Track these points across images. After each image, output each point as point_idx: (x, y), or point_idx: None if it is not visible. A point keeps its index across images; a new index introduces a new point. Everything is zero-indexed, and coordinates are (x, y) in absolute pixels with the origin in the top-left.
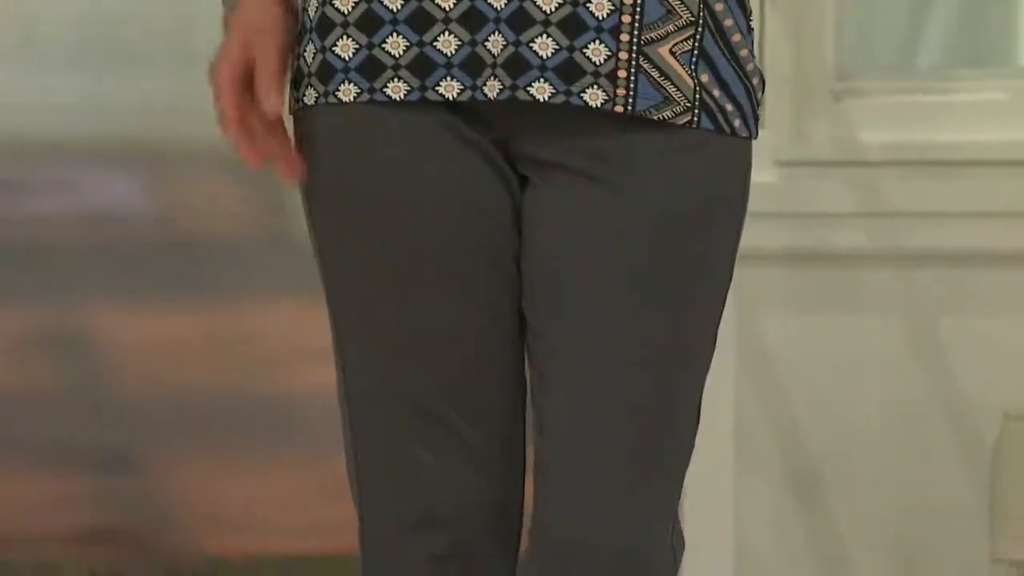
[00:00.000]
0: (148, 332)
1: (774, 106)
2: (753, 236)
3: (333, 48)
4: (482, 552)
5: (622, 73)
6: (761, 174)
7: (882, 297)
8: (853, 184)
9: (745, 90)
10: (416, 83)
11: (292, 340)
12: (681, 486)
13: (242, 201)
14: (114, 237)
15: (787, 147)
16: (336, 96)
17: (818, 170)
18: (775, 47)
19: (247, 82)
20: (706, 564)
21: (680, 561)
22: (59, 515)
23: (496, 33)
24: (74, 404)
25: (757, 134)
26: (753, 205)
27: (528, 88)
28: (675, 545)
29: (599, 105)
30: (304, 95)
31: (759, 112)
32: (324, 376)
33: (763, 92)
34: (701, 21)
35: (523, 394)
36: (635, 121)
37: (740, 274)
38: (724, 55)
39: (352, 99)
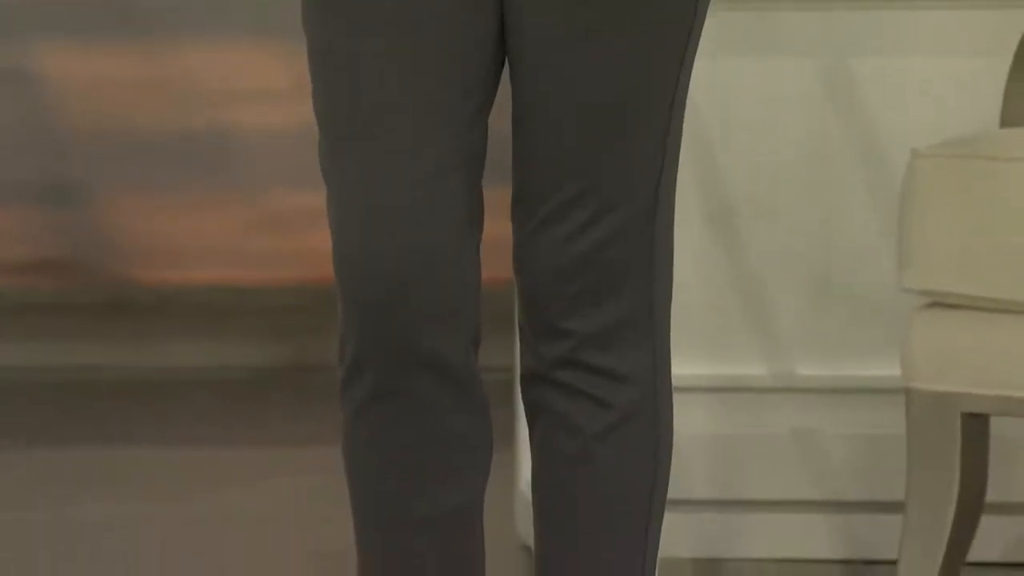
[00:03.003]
0: (91, 70)
1: None
2: None
3: None
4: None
5: None
6: None
7: (798, 38)
8: None
9: None
10: None
11: (229, 81)
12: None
13: None
14: None
15: None
16: None
17: None
18: None
19: None
20: None
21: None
22: (4, 245)
23: None
24: (18, 139)
25: None
26: None
27: None
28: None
29: None
30: None
31: None
32: (257, 115)
33: None
34: None
35: (481, 161)
36: None
37: None
38: None
39: None
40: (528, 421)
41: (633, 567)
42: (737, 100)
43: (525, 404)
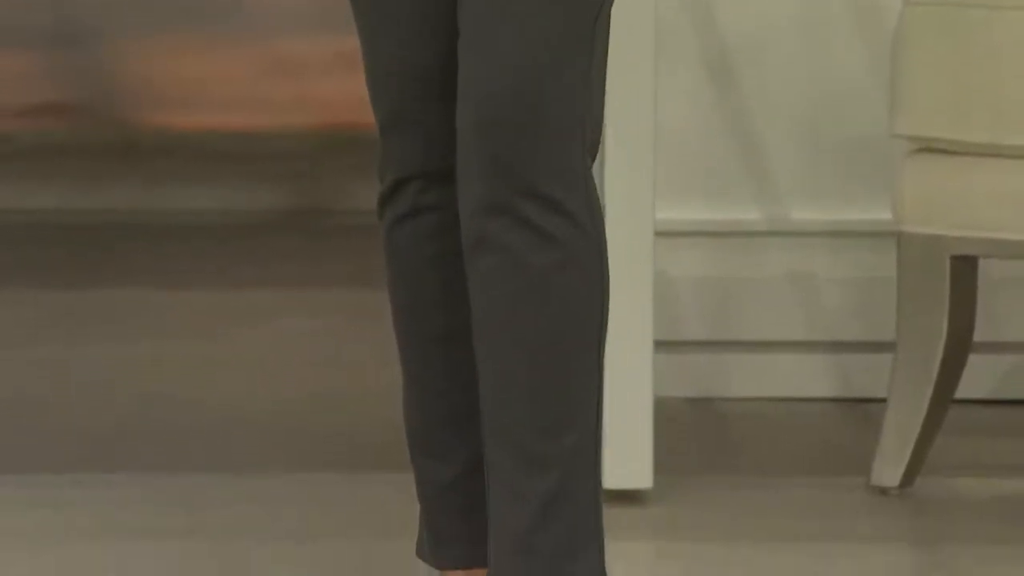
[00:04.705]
0: None
1: None
2: None
3: None
4: (418, 117)
5: None
6: None
7: None
8: None
9: None
10: None
11: None
12: (589, 67)
13: None
14: None
15: None
16: None
17: None
18: None
19: None
20: (627, 142)
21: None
22: (13, 89)
23: None
24: None
25: None
26: None
27: None
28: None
29: None
30: None
31: None
32: None
33: None
34: None
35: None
36: None
37: None
38: None
39: None
40: (467, 258)
41: (589, 396)
42: None
43: (466, 240)
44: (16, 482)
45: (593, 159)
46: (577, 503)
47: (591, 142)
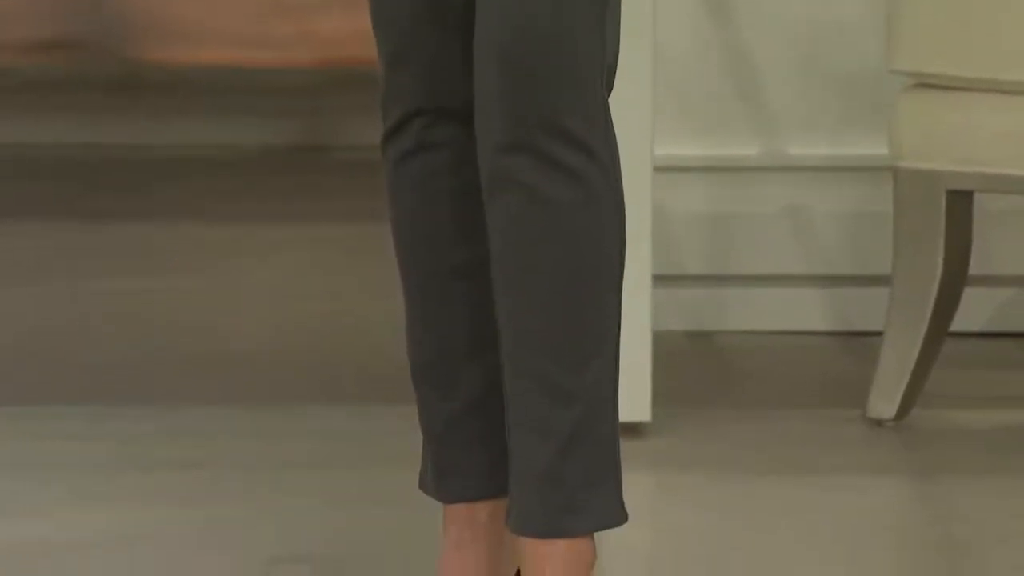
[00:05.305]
0: None
1: None
2: None
3: None
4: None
5: None
6: None
7: None
8: None
9: None
10: None
11: None
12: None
13: None
14: None
15: None
16: None
17: None
18: None
19: None
20: (626, 78)
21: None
22: (16, 24)
23: None
24: None
25: None
26: None
27: None
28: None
29: None
30: None
31: None
32: None
33: None
34: None
35: None
36: None
37: None
38: None
39: None
40: (487, 195)
41: (609, 329)
42: None
43: (485, 177)
44: (27, 414)
45: (609, 92)
46: (598, 436)
47: (608, 74)
